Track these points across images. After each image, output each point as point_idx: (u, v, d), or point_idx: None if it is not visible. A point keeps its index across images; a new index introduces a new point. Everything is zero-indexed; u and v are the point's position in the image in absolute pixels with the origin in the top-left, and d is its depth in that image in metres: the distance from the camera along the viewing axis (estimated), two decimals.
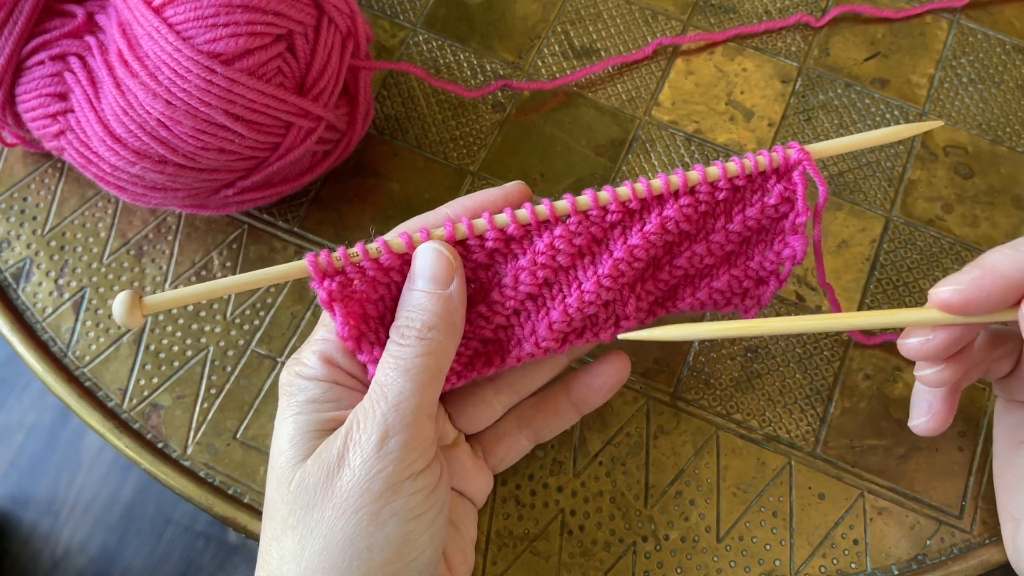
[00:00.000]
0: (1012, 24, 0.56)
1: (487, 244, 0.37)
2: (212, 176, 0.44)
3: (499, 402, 0.43)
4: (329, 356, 0.37)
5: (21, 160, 0.52)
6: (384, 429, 0.34)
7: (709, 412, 0.46)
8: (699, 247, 0.40)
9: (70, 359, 0.48)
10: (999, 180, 0.52)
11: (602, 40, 0.55)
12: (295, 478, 0.35)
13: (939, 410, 0.40)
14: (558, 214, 0.37)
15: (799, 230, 0.39)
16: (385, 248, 0.36)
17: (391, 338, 0.36)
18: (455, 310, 0.36)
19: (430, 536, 0.35)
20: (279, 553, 0.34)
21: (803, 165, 0.38)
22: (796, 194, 0.38)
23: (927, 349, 0.37)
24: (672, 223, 0.38)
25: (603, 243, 0.38)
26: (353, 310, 0.36)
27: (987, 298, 0.34)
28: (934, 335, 0.37)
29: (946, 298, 0.35)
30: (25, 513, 1.21)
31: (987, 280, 0.34)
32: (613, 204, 0.37)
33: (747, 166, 0.38)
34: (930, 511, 0.45)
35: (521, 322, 0.39)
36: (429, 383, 0.35)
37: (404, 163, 0.52)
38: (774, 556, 0.44)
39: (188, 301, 0.35)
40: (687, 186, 0.38)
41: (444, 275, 0.36)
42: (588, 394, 0.43)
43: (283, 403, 0.37)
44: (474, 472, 0.42)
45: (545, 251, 0.37)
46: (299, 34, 0.42)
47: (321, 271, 0.36)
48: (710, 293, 0.41)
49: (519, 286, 0.38)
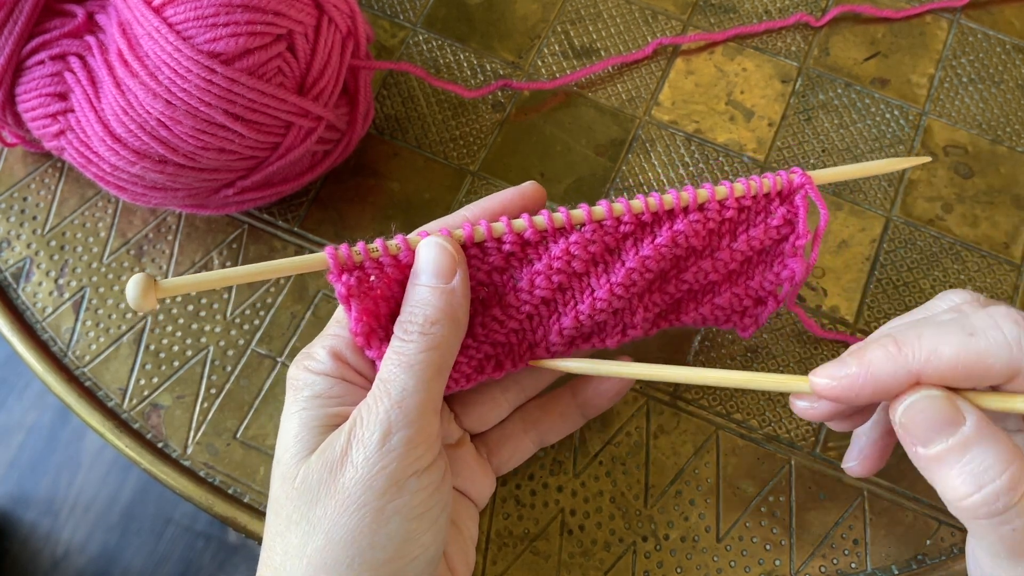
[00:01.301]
0: (1012, 24, 0.56)
1: (504, 247, 0.38)
2: (212, 176, 0.44)
3: (506, 400, 0.43)
4: (339, 352, 0.37)
5: (21, 160, 0.52)
6: (387, 425, 0.34)
7: (709, 412, 0.46)
8: (705, 263, 0.41)
9: (70, 359, 0.48)
10: (999, 180, 0.52)
11: (602, 40, 0.55)
12: (299, 474, 0.35)
13: (868, 455, 0.40)
14: (573, 222, 0.38)
15: (798, 252, 0.41)
16: (404, 245, 0.37)
17: (395, 334, 0.36)
18: (458, 304, 0.36)
19: (432, 534, 0.35)
20: (283, 548, 0.34)
21: (805, 189, 0.40)
22: (797, 216, 0.40)
23: (813, 414, 0.37)
24: (682, 237, 0.39)
25: (616, 253, 0.39)
26: (367, 307, 0.36)
27: (856, 398, 0.33)
28: (819, 403, 0.37)
29: (819, 388, 0.34)
30: (25, 513, 1.21)
31: (859, 381, 0.33)
32: (627, 215, 0.38)
33: (753, 187, 0.40)
34: (930, 511, 0.45)
35: (533, 327, 0.40)
36: (433, 378, 0.35)
37: (404, 163, 0.52)
38: (774, 556, 0.44)
39: (203, 287, 0.35)
40: (697, 202, 0.39)
41: (446, 269, 0.36)
42: (594, 398, 0.43)
43: (289, 397, 0.37)
44: (478, 473, 0.42)
45: (561, 256, 0.38)
46: (299, 34, 0.42)
47: (340, 265, 0.36)
48: (712, 309, 0.42)
49: (535, 290, 0.39)
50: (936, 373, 0.32)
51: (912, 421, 0.32)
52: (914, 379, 0.32)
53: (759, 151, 0.52)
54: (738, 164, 0.52)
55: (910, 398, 0.32)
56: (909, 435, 0.33)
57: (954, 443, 0.31)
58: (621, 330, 0.41)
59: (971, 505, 0.31)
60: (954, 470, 0.31)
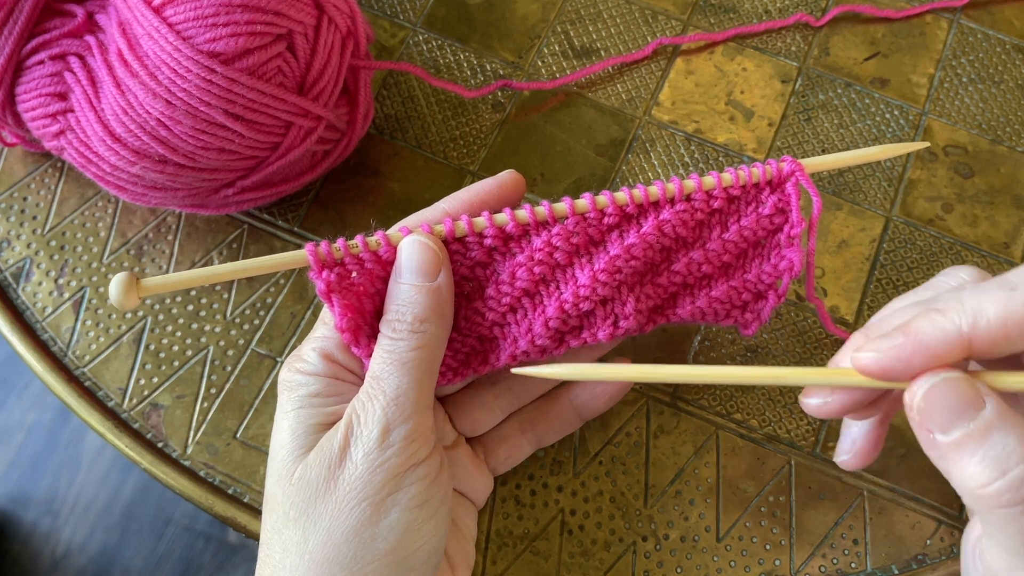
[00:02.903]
0: (1012, 24, 0.56)
1: (486, 242, 0.38)
2: (212, 176, 0.44)
3: (499, 406, 0.43)
4: (328, 352, 0.38)
5: (21, 160, 0.52)
6: (385, 423, 0.34)
7: (709, 412, 0.46)
8: (696, 254, 0.41)
9: (70, 359, 0.48)
10: (999, 180, 0.52)
11: (602, 40, 0.55)
12: (296, 472, 0.35)
13: (862, 447, 0.40)
14: (556, 216, 0.38)
15: (794, 242, 0.40)
16: (385, 241, 0.37)
17: (382, 332, 0.36)
18: (444, 301, 0.37)
19: (433, 525, 0.35)
20: (281, 546, 0.34)
21: (796, 176, 0.39)
22: (790, 205, 0.40)
23: (827, 411, 0.37)
24: (668, 226, 0.39)
25: (600, 244, 0.39)
26: (351, 303, 0.37)
27: (905, 368, 0.32)
28: (832, 398, 0.36)
29: (864, 364, 0.33)
30: (25, 513, 1.21)
31: (907, 350, 0.32)
32: (610, 207, 0.38)
33: (741, 176, 0.39)
34: (930, 511, 0.45)
35: (517, 320, 0.40)
36: (425, 375, 0.36)
37: (404, 163, 0.52)
38: (774, 556, 0.44)
39: (186, 285, 0.36)
40: (683, 193, 0.39)
41: (431, 267, 0.36)
42: (591, 400, 0.43)
43: (283, 398, 0.37)
44: (474, 472, 0.42)
45: (542, 247, 0.38)
46: (299, 34, 0.42)
47: (320, 261, 0.36)
48: (709, 303, 0.42)
49: (515, 282, 0.38)
50: (986, 333, 0.31)
51: (932, 405, 0.31)
52: (965, 342, 0.31)
53: (759, 151, 0.52)
54: (738, 164, 0.52)
55: (928, 381, 0.31)
56: (927, 420, 0.31)
57: (975, 428, 0.30)
58: (613, 322, 0.40)
59: (993, 492, 0.29)
60: (975, 457, 0.30)
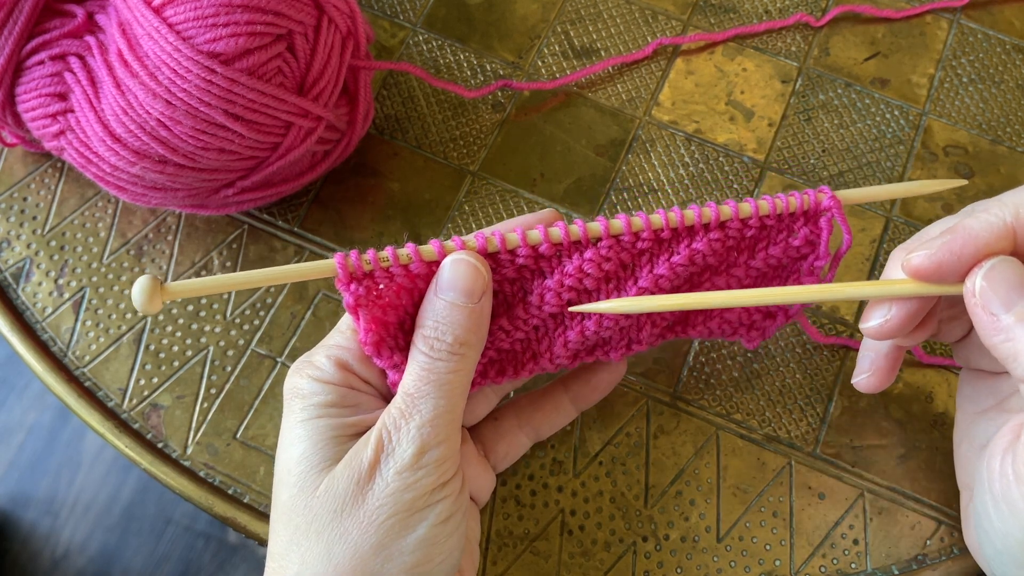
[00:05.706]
0: (1012, 24, 0.56)
1: (517, 260, 0.37)
2: (212, 176, 0.44)
3: (493, 391, 0.43)
4: (344, 361, 0.37)
5: (21, 160, 0.52)
6: (420, 444, 0.34)
7: (709, 412, 0.46)
8: (719, 280, 0.40)
9: (70, 359, 0.48)
10: (999, 180, 0.52)
11: (602, 40, 0.55)
12: (323, 484, 0.34)
13: (880, 367, 0.40)
14: (590, 236, 0.37)
15: (815, 272, 0.40)
16: (416, 255, 0.36)
17: (418, 347, 0.36)
18: (484, 323, 0.37)
19: (456, 539, 0.36)
20: (300, 558, 0.34)
21: (832, 212, 0.38)
22: (820, 239, 0.39)
23: (888, 328, 0.37)
24: (700, 256, 0.38)
25: (629, 269, 0.38)
26: (376, 315, 0.36)
27: (959, 261, 0.34)
28: (892, 313, 0.37)
29: (917, 264, 0.35)
30: (25, 513, 1.21)
31: (958, 243, 0.34)
32: (646, 232, 0.37)
33: (779, 205, 0.38)
34: (930, 511, 0.45)
35: (539, 337, 0.40)
36: (460, 397, 0.36)
37: (404, 163, 0.52)
38: (774, 556, 0.44)
39: (210, 291, 0.35)
40: (718, 220, 0.38)
41: (478, 288, 0.36)
42: (586, 390, 0.44)
43: (295, 405, 0.36)
44: (479, 470, 0.42)
45: (573, 274, 0.37)
46: (299, 34, 0.42)
47: (349, 273, 0.35)
48: (720, 324, 0.42)
49: (544, 306, 0.38)
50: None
51: (993, 283, 0.33)
52: (1010, 232, 0.34)
53: (759, 151, 0.52)
54: (738, 164, 0.52)
55: (989, 263, 0.34)
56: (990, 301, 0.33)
57: None
58: (626, 345, 0.41)
59: None
60: None
